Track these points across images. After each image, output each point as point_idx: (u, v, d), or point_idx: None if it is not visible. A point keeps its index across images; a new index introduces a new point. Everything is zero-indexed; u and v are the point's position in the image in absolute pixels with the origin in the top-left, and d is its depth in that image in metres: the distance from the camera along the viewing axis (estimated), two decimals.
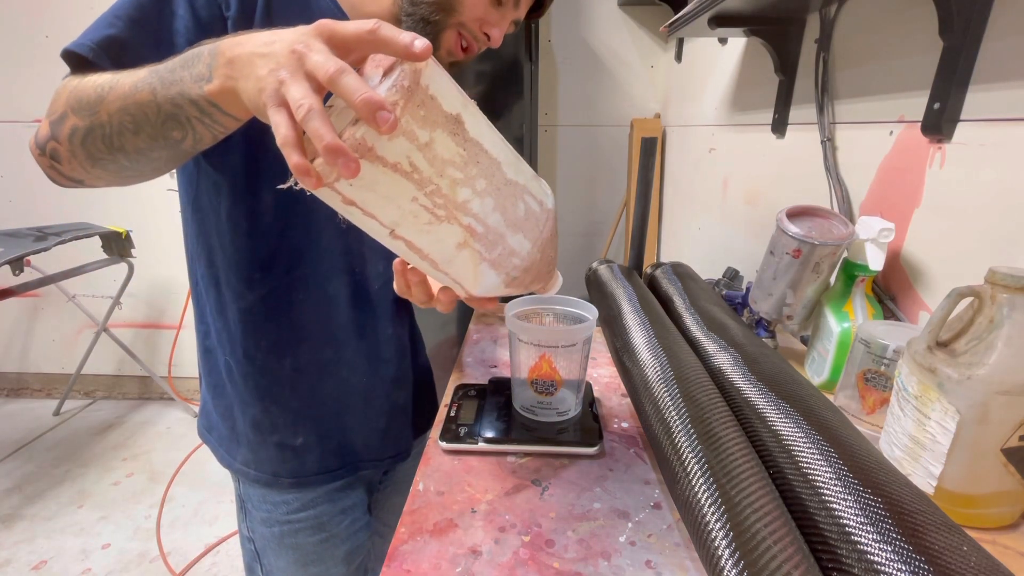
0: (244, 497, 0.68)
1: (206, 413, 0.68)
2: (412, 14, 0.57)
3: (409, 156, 0.31)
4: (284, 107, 0.30)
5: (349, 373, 0.66)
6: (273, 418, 0.63)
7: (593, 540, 0.42)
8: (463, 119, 0.33)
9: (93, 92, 0.42)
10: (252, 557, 0.70)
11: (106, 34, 0.46)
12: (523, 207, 0.39)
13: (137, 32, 0.47)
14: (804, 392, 0.44)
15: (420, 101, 0.30)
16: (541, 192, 0.42)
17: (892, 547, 0.30)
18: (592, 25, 1.92)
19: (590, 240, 2.15)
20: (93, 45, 0.45)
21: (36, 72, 2.02)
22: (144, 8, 0.47)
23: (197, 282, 0.63)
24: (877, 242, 0.62)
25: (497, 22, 0.59)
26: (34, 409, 2.28)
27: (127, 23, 0.46)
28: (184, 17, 0.48)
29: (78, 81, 0.44)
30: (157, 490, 1.80)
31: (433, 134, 0.32)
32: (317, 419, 0.65)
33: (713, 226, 1.41)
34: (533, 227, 0.40)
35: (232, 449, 0.66)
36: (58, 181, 0.48)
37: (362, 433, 0.69)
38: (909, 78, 0.67)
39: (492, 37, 0.60)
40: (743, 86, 1.22)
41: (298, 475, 0.65)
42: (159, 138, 0.41)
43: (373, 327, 0.67)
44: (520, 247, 0.40)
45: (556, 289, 0.49)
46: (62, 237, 1.73)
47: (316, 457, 0.66)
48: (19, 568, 1.47)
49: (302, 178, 0.30)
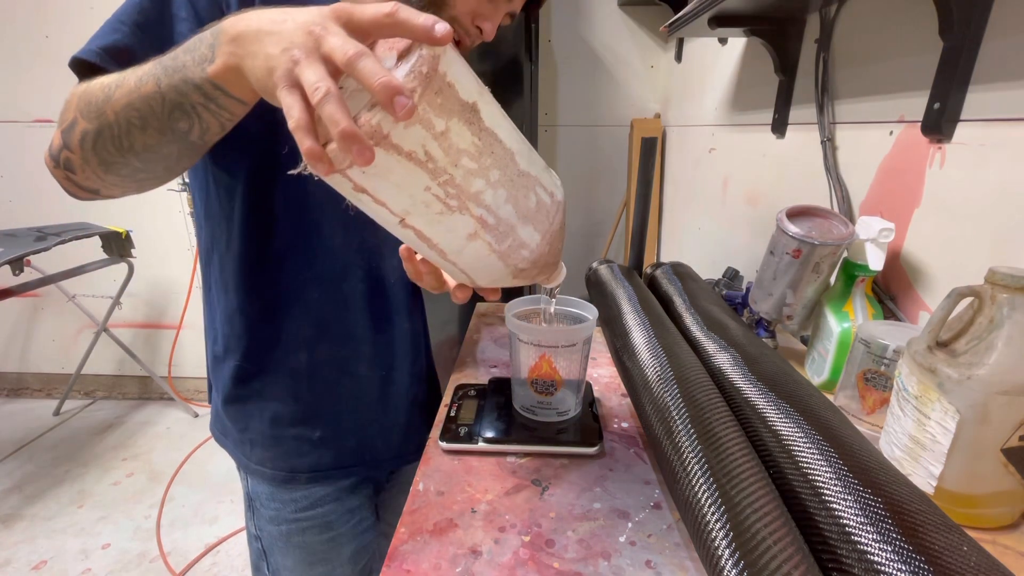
0: (252, 495, 0.69)
1: (218, 418, 0.69)
2: None
3: (424, 144, 0.31)
4: (297, 88, 0.29)
5: (367, 369, 0.66)
6: (292, 412, 0.64)
7: (593, 540, 0.42)
8: (479, 107, 0.32)
9: (100, 92, 0.42)
10: (259, 555, 0.70)
11: (111, 40, 0.46)
12: (534, 199, 0.38)
13: (142, 36, 0.47)
14: (804, 392, 0.44)
15: (438, 88, 0.29)
16: (552, 184, 0.41)
17: (892, 547, 0.30)
18: (592, 25, 1.92)
19: (590, 240, 2.15)
20: (99, 51, 0.45)
21: (36, 72, 2.02)
22: (147, 12, 0.48)
23: (211, 287, 0.63)
24: (877, 242, 0.62)
25: (490, 15, 0.58)
26: (34, 409, 2.28)
27: (132, 28, 0.47)
28: (187, 20, 0.48)
29: (86, 86, 0.44)
30: (157, 490, 1.80)
31: (449, 123, 0.31)
32: (335, 414, 0.66)
33: (713, 226, 1.41)
34: (544, 219, 0.40)
35: (247, 450, 0.66)
36: (75, 193, 0.48)
37: (380, 428, 0.70)
38: (909, 78, 0.67)
39: (484, 31, 0.59)
40: (743, 86, 1.22)
41: (315, 469, 0.66)
42: (166, 131, 0.40)
43: (389, 322, 0.68)
44: (530, 239, 0.39)
45: (560, 280, 0.48)
46: (62, 237, 1.73)
47: (333, 452, 0.66)
48: (19, 568, 1.47)
49: (314, 164, 0.29)
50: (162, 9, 0.48)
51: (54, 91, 2.01)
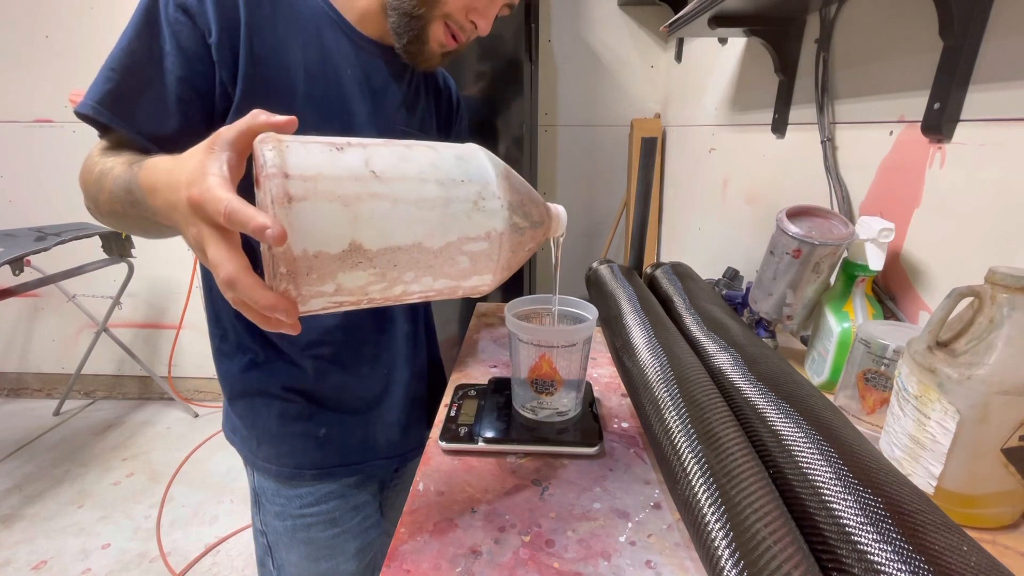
0: (259, 491, 0.69)
1: (228, 416, 0.70)
2: (397, 8, 0.57)
3: (331, 299, 0.32)
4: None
5: (371, 368, 0.67)
6: (299, 408, 0.65)
7: (593, 540, 0.42)
8: (359, 242, 0.31)
9: (94, 185, 0.48)
10: (264, 551, 0.71)
11: (106, 90, 0.49)
12: (466, 260, 0.36)
13: (133, 81, 0.50)
14: (804, 392, 0.44)
15: (306, 270, 0.30)
16: (484, 223, 0.36)
17: (892, 547, 0.30)
18: (592, 25, 1.92)
19: (590, 240, 2.15)
20: (97, 105, 0.49)
21: (36, 72, 2.02)
22: (136, 54, 0.50)
23: (211, 287, 0.63)
24: (877, 242, 0.62)
25: (486, 9, 0.59)
26: (34, 409, 2.27)
27: (122, 74, 0.50)
28: (172, 53, 0.50)
29: (89, 164, 0.50)
30: (157, 490, 1.80)
31: (337, 280, 0.31)
32: (340, 412, 0.67)
33: (713, 226, 1.41)
34: (486, 262, 0.37)
35: (254, 447, 0.67)
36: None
37: (383, 427, 0.71)
38: (909, 78, 0.67)
39: (480, 27, 0.60)
40: (743, 86, 1.22)
41: (320, 467, 0.66)
42: (150, 230, 0.49)
43: (392, 321, 0.69)
44: (480, 282, 0.38)
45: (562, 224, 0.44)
46: (62, 237, 1.73)
47: (338, 449, 0.67)
48: (19, 568, 1.47)
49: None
50: (150, 47, 0.50)
51: (54, 91, 2.01)
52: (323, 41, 0.58)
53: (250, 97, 0.53)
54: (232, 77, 0.53)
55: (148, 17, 0.50)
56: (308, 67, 0.57)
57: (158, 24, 0.50)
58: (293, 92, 0.56)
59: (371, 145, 0.34)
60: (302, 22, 0.57)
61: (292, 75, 0.56)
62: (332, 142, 0.33)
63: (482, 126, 1.65)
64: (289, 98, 0.56)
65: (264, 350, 0.63)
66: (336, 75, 0.59)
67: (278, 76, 0.55)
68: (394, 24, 0.59)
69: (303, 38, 0.57)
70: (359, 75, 0.61)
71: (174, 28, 0.50)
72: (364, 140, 0.34)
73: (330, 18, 0.59)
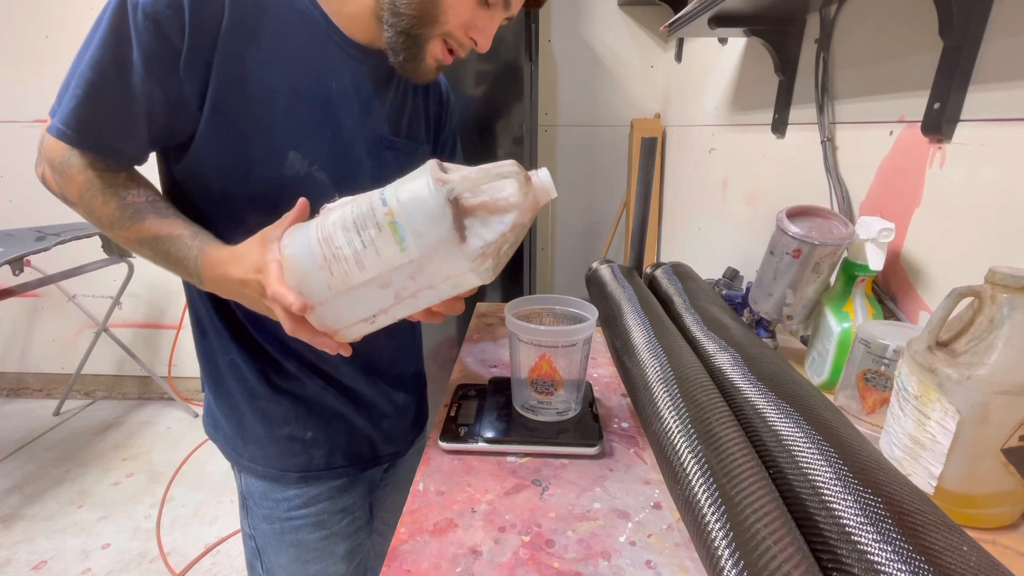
0: (246, 494, 0.69)
1: (210, 412, 0.69)
2: (393, 25, 0.55)
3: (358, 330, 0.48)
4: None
5: (355, 371, 0.66)
6: (284, 410, 0.64)
7: (593, 540, 0.42)
8: (368, 317, 0.46)
9: (106, 219, 0.52)
10: (253, 554, 0.70)
11: (71, 111, 0.48)
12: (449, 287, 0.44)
13: (100, 97, 0.48)
14: (804, 392, 0.44)
15: (335, 331, 0.47)
16: (470, 283, 0.44)
17: (892, 547, 0.30)
18: (592, 25, 1.92)
19: (590, 240, 2.15)
20: (64, 129, 0.48)
21: (36, 72, 2.02)
22: (101, 66, 0.48)
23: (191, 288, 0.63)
24: (877, 242, 0.62)
25: (485, 25, 0.57)
26: (34, 409, 2.27)
27: (88, 90, 0.48)
28: (139, 65, 0.48)
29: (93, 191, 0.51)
30: (157, 490, 1.80)
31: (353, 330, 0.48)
32: (325, 416, 0.66)
33: (713, 226, 1.41)
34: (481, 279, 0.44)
35: (239, 446, 0.66)
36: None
37: (367, 431, 0.70)
38: (909, 78, 0.67)
39: (479, 43, 0.58)
40: (743, 86, 1.22)
41: (305, 470, 0.66)
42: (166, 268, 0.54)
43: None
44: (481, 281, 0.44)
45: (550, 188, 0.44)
46: (62, 237, 1.73)
47: (324, 453, 0.66)
48: (19, 568, 1.47)
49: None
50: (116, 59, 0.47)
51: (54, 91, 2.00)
52: (312, 54, 0.56)
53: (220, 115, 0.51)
54: (200, 93, 0.50)
55: (114, 24, 0.47)
56: (294, 84, 0.55)
57: (125, 33, 0.47)
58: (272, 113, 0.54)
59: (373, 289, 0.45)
60: (288, 32, 0.55)
61: (274, 95, 0.53)
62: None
63: (482, 127, 1.65)
64: (268, 124, 0.53)
65: (247, 349, 0.62)
66: (324, 91, 0.57)
67: (255, 96, 0.53)
68: (391, 41, 0.56)
69: (289, 54, 0.54)
70: (348, 86, 0.59)
71: (142, 38, 0.47)
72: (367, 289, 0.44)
73: (319, 25, 0.57)
